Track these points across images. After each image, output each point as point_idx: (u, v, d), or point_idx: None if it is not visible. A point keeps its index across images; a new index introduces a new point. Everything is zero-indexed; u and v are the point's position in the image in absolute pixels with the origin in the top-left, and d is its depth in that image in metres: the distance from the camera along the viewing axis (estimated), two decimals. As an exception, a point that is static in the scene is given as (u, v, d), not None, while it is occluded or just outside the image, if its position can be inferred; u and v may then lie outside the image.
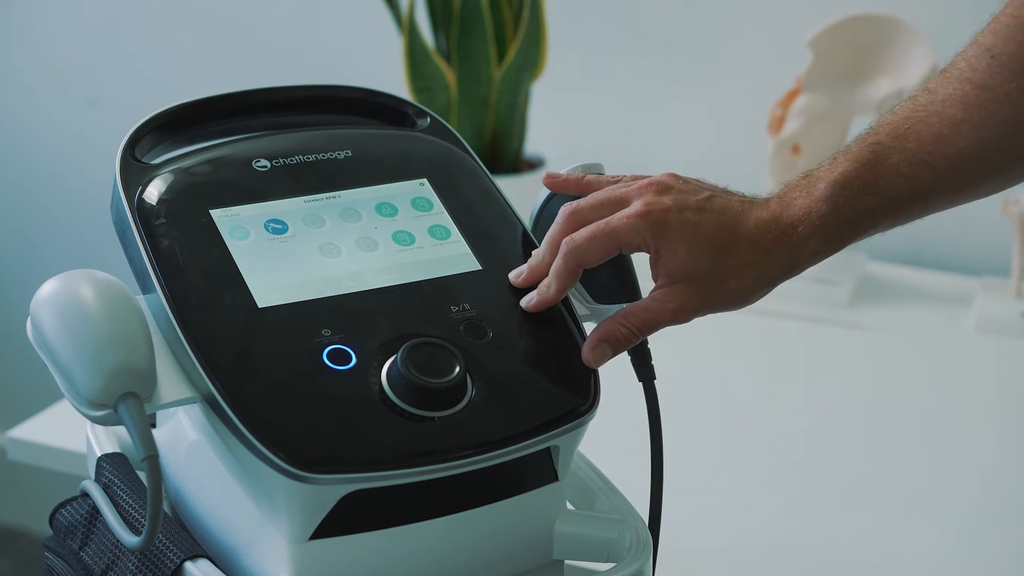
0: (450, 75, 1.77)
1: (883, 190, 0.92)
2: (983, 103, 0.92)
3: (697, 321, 1.74)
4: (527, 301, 0.93)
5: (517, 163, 1.85)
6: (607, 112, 2.05)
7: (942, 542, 1.31)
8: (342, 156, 0.99)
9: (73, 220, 2.46)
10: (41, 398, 1.74)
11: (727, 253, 0.91)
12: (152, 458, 0.83)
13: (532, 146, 1.94)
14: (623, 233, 0.91)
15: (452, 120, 1.79)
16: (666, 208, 0.91)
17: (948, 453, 1.47)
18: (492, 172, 1.79)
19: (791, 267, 0.93)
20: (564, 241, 0.92)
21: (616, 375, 0.99)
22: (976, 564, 1.29)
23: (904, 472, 1.42)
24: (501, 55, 1.79)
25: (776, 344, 1.72)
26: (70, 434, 1.42)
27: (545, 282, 0.93)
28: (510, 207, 1.00)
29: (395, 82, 1.79)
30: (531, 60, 1.78)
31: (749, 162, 1.97)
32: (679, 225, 0.91)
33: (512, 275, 0.94)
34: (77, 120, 2.40)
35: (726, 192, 0.95)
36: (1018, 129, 0.93)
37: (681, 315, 0.93)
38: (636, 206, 0.91)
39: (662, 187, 0.93)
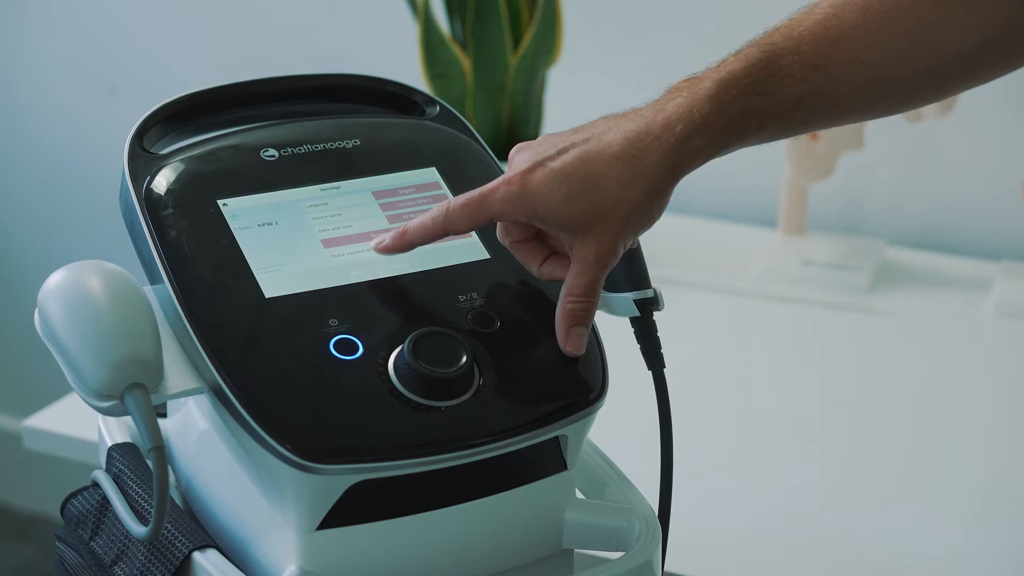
0: (466, 62, 1.77)
1: (771, 91, 0.89)
2: (885, 10, 0.89)
3: (713, 307, 1.75)
4: (378, 241, 0.92)
5: (534, 149, 1.84)
6: (624, 97, 2.03)
7: (960, 528, 1.30)
8: (351, 145, 0.99)
9: (92, 209, 2.47)
10: (58, 387, 1.74)
11: (602, 180, 0.87)
12: (158, 449, 0.83)
13: (549, 132, 1.93)
14: (492, 204, 0.89)
15: (468, 107, 1.79)
16: (527, 168, 0.89)
17: (967, 438, 1.46)
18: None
19: (674, 169, 0.88)
20: (440, 204, 0.91)
21: (628, 364, 0.99)
22: (994, 550, 1.28)
23: (922, 458, 1.42)
24: (517, 41, 1.79)
25: (794, 330, 1.71)
26: (85, 423, 1.42)
27: (403, 228, 0.92)
28: (519, 195, 0.99)
29: (411, 70, 1.78)
30: (547, 46, 1.78)
31: (767, 148, 1.96)
32: (544, 178, 0.88)
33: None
34: (96, 109, 2.41)
35: (595, 121, 0.91)
36: (920, 43, 0.89)
37: (604, 259, 0.89)
38: (503, 175, 0.90)
39: (523, 148, 0.91)
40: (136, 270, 0.93)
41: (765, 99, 0.89)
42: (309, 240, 0.93)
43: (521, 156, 0.91)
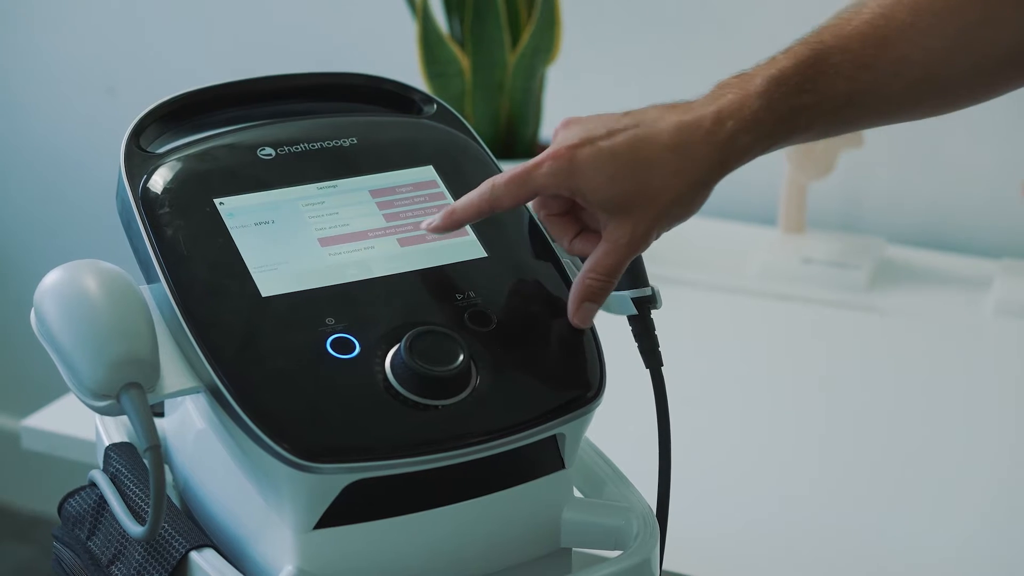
0: (464, 60, 1.77)
1: (821, 88, 0.90)
2: (935, 10, 0.90)
3: (712, 305, 1.75)
4: (429, 222, 0.93)
5: (533, 148, 1.84)
6: (623, 96, 2.03)
7: (961, 527, 1.30)
8: (347, 144, 0.99)
9: (93, 209, 2.47)
10: (56, 387, 1.74)
11: (650, 166, 0.89)
12: (154, 448, 0.83)
13: (548, 131, 1.93)
14: (536, 179, 0.90)
15: (467, 105, 1.78)
16: (575, 144, 0.90)
17: (967, 437, 1.46)
18: (507, 157, 1.80)
19: (722, 165, 0.90)
20: (486, 181, 0.92)
21: (627, 363, 0.98)
22: (999, 550, 1.28)
23: (922, 456, 1.41)
24: (515, 40, 1.78)
25: (793, 328, 1.71)
26: (84, 423, 1.42)
27: (450, 207, 0.93)
28: (517, 194, 0.99)
29: (410, 68, 1.78)
30: (545, 44, 1.77)
31: (767, 145, 1.96)
32: (591, 156, 0.89)
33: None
34: (96, 109, 2.41)
35: (645, 107, 0.92)
36: (967, 44, 0.90)
37: (636, 244, 0.90)
38: (549, 149, 0.91)
39: (572, 124, 0.91)
40: (134, 269, 0.93)
41: (814, 96, 0.90)
42: (306, 239, 0.93)
43: (568, 131, 0.91)
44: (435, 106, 1.05)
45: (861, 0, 0.93)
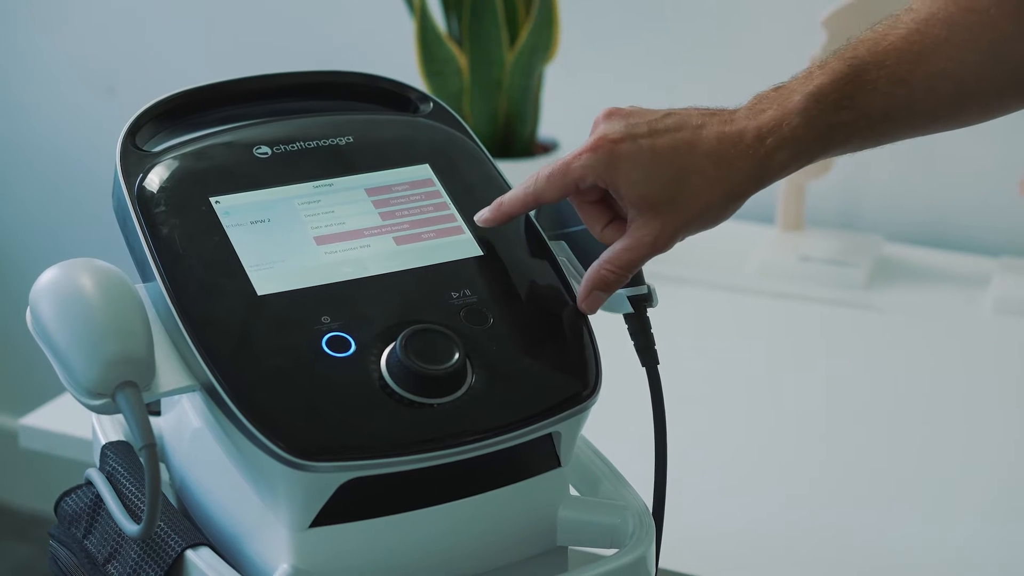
0: (462, 59, 1.77)
1: (859, 105, 0.90)
2: (969, 24, 0.90)
3: (711, 303, 1.75)
4: (479, 214, 0.95)
5: (531, 146, 1.84)
6: (622, 94, 2.03)
7: (961, 526, 1.30)
8: (343, 142, 0.99)
9: (93, 209, 2.46)
10: (55, 385, 1.74)
11: (688, 172, 0.90)
12: (149, 447, 0.83)
13: (546, 129, 1.93)
14: (575, 170, 0.91)
15: (465, 104, 1.78)
16: (617, 138, 0.91)
17: (966, 435, 1.45)
18: (506, 156, 1.80)
19: (759, 180, 0.91)
20: (531, 175, 0.94)
21: (625, 361, 0.98)
22: (999, 550, 1.27)
23: (921, 455, 1.41)
24: (513, 38, 1.78)
25: (792, 327, 1.71)
26: (81, 422, 1.41)
27: (499, 200, 0.95)
28: (513, 192, 0.99)
29: (408, 67, 1.78)
30: (543, 42, 1.77)
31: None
32: (631, 152, 0.90)
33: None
34: (96, 109, 2.41)
35: (687, 109, 0.93)
36: (999, 57, 0.91)
37: (660, 245, 0.92)
38: (588, 140, 0.92)
39: (614, 116, 0.92)
40: (133, 269, 0.93)
41: (852, 113, 0.91)
42: (302, 237, 0.93)
43: (610, 124, 0.92)
44: (431, 104, 1.05)
45: (895, 14, 0.93)
